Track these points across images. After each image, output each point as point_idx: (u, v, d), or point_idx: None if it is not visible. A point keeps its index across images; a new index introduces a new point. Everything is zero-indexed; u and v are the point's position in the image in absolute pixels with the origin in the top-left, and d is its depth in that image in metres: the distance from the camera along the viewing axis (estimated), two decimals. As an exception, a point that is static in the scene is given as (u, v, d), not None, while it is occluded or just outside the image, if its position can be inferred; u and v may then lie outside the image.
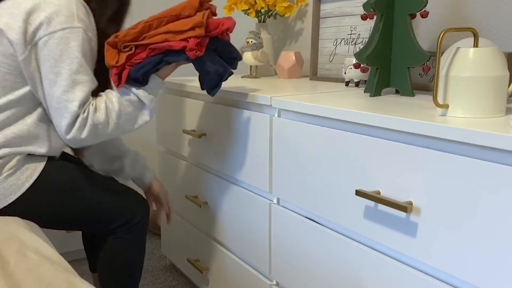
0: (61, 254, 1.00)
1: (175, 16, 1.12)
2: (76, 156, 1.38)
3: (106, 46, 1.12)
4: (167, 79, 1.72)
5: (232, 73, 1.22)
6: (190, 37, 1.10)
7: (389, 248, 0.93)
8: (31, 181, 1.14)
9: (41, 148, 1.17)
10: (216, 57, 1.17)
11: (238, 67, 1.93)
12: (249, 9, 1.77)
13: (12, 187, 1.12)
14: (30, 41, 1.09)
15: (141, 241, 1.33)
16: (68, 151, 1.36)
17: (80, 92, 1.08)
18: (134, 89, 1.13)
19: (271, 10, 1.77)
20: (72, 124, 1.07)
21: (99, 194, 1.23)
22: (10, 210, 1.13)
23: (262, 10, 1.79)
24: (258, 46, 1.66)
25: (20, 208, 1.14)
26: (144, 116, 1.15)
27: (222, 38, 1.18)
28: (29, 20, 1.08)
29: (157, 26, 1.12)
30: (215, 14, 1.17)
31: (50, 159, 1.20)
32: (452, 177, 0.78)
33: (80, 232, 1.51)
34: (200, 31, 1.10)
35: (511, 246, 0.71)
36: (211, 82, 1.17)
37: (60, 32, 1.08)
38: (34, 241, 1.00)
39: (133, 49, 1.12)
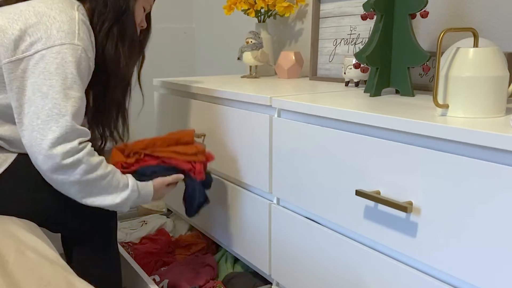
0: (60, 254, 1.00)
1: (175, 140, 1.29)
2: None
3: (113, 149, 1.19)
4: (168, 79, 1.72)
5: (205, 204, 1.34)
6: (195, 161, 1.27)
7: (389, 248, 0.93)
8: (0, 170, 1.10)
9: (15, 149, 1.14)
10: (201, 188, 1.31)
11: (238, 67, 1.94)
12: (248, 9, 1.77)
13: None
14: (24, 51, 1.06)
15: (112, 257, 1.27)
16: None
17: (72, 107, 1.06)
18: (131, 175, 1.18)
19: (271, 10, 1.77)
20: (59, 140, 1.03)
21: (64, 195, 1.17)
22: None
23: (262, 10, 1.79)
24: (257, 46, 1.66)
25: None
26: (117, 198, 1.12)
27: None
28: (28, 31, 1.07)
29: (161, 145, 1.27)
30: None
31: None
32: (452, 177, 0.78)
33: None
34: (202, 158, 1.28)
35: (511, 246, 0.71)
36: (192, 208, 1.32)
37: (58, 47, 1.06)
38: (33, 241, 1.00)
39: (142, 155, 1.25)
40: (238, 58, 1.70)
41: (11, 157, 1.13)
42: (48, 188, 1.13)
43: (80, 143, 1.06)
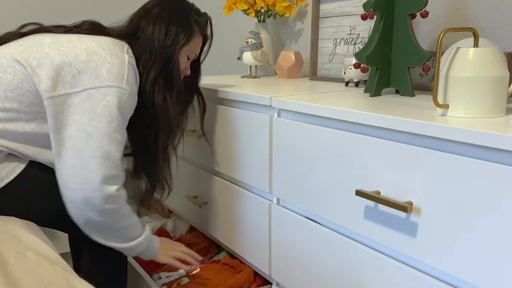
0: (60, 254, 1.00)
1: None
2: None
3: None
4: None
5: None
6: None
7: (389, 248, 0.93)
8: (12, 177, 1.11)
9: (28, 158, 1.15)
10: None
11: (238, 67, 1.93)
12: (248, 9, 1.77)
13: None
14: (72, 86, 1.09)
15: (119, 259, 1.28)
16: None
17: (115, 151, 1.10)
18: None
19: (271, 10, 1.77)
20: (100, 183, 1.07)
21: None
22: None
23: (262, 10, 1.78)
24: (257, 46, 1.66)
25: None
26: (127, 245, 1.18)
27: None
28: (77, 67, 1.09)
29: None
30: None
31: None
32: (452, 177, 0.78)
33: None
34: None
35: (510, 245, 0.71)
36: None
37: (106, 88, 1.09)
38: (33, 241, 1.00)
39: None
40: (238, 58, 1.70)
41: (22, 164, 1.14)
42: (57, 193, 1.15)
43: (118, 189, 1.10)
